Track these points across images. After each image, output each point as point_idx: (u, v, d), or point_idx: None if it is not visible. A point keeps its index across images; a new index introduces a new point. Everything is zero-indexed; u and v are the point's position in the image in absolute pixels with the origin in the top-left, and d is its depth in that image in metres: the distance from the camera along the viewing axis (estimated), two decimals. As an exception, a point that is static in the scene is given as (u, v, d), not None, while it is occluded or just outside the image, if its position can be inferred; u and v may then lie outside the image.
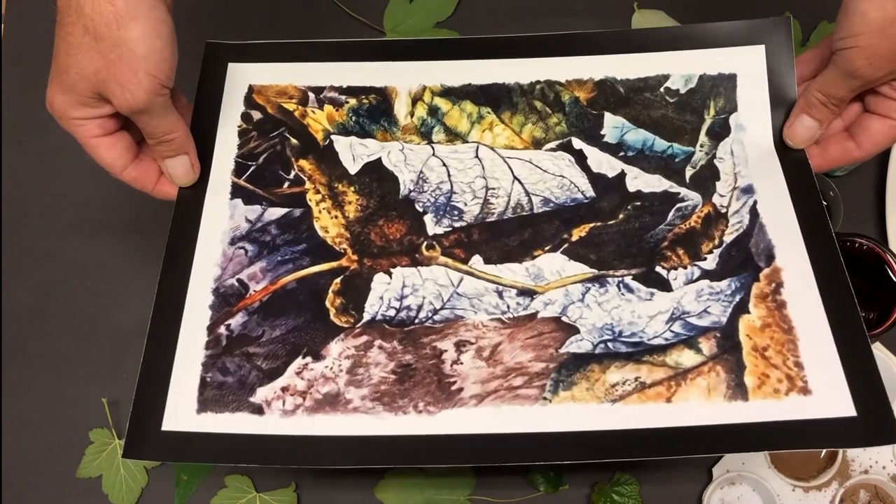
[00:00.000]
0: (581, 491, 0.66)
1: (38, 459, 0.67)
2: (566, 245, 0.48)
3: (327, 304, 0.46)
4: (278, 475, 0.66)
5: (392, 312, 0.45)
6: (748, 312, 0.45)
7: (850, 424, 0.40)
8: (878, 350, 0.66)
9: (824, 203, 0.70)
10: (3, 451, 0.67)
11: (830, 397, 0.41)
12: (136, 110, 0.48)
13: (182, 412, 0.44)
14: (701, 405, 0.42)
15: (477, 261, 0.47)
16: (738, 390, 0.42)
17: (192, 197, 0.53)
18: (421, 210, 0.49)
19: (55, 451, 0.67)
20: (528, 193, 0.50)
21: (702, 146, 0.53)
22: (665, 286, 0.47)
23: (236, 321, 0.47)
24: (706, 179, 0.51)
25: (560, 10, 0.76)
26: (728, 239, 0.48)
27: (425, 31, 0.74)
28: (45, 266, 0.73)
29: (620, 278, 0.47)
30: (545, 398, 0.42)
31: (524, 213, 0.49)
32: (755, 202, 0.50)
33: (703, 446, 0.41)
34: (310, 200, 0.51)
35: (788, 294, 0.46)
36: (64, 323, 0.70)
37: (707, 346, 0.44)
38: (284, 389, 0.44)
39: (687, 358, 0.44)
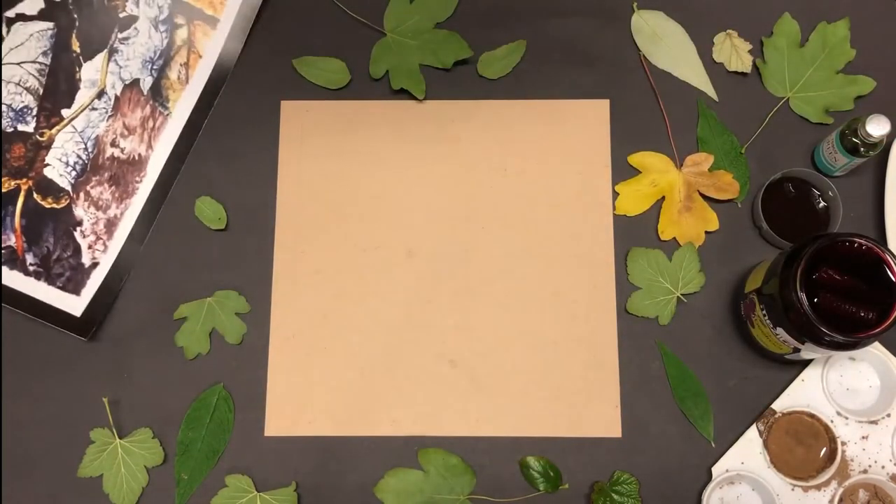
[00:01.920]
0: (581, 490, 0.66)
1: (38, 459, 0.67)
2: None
3: (43, 204, 0.70)
4: (279, 474, 0.66)
5: (73, 173, 0.70)
6: None
7: None
8: (878, 350, 0.66)
9: (823, 203, 0.71)
10: (3, 451, 0.67)
11: None
12: None
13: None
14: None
15: (70, 110, 0.72)
16: None
17: None
18: (10, 129, 0.71)
19: (56, 450, 0.67)
20: None
21: None
22: None
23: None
24: None
25: (560, 10, 0.76)
26: None
27: (426, 31, 0.74)
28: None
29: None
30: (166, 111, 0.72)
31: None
32: None
33: None
34: None
35: None
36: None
37: None
38: (96, 235, 0.70)
39: None
